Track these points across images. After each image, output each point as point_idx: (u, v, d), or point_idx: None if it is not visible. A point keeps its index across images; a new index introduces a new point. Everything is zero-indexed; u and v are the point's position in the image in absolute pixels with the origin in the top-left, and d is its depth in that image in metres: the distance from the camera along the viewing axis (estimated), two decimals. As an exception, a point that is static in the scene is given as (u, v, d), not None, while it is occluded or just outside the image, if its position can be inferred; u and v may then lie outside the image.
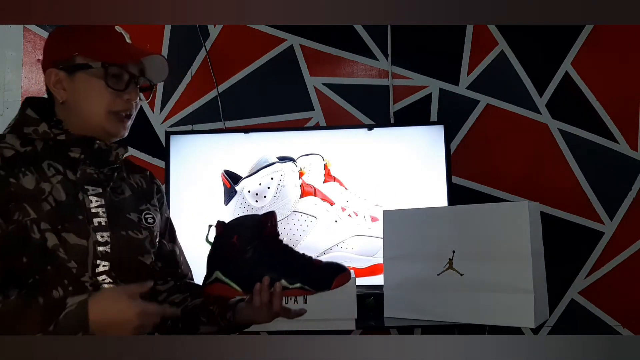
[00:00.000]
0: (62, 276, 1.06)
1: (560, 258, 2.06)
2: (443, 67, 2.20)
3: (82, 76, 1.14)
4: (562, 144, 2.17)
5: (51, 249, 1.06)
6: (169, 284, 1.31)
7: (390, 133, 2.00)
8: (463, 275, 1.52)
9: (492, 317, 1.48)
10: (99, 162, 1.16)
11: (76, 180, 1.13)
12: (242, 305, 1.22)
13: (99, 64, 1.13)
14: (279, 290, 1.15)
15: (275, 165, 1.90)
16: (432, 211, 1.64)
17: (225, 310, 1.24)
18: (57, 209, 1.09)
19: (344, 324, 1.65)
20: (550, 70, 2.19)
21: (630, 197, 2.15)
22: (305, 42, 2.21)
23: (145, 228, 1.21)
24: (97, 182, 1.16)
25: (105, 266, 1.11)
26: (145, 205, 1.25)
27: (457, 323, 1.55)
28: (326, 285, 1.15)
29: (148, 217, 1.24)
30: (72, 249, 1.08)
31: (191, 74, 2.22)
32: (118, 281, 1.12)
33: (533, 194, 2.09)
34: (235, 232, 1.18)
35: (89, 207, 1.13)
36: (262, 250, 1.17)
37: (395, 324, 1.72)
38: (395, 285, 1.62)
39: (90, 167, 1.15)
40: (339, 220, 1.91)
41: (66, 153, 1.13)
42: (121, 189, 1.22)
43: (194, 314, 1.26)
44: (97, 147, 1.15)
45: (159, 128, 2.21)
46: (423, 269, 1.57)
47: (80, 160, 1.14)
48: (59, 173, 1.12)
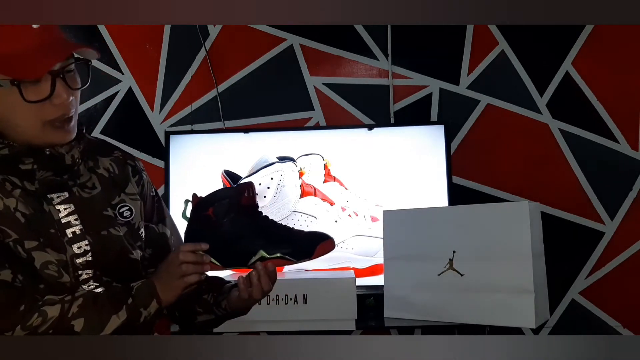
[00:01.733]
0: (58, 291, 1.03)
1: (561, 258, 2.06)
2: (443, 67, 2.20)
3: (2, 92, 1.00)
4: (563, 144, 2.17)
5: (41, 266, 1.02)
6: None
7: (390, 133, 2.00)
8: (463, 276, 1.52)
9: (492, 317, 1.48)
10: (55, 169, 1.07)
11: (37, 191, 1.05)
12: (234, 292, 1.18)
13: (7, 81, 0.99)
14: (261, 269, 1.10)
15: (275, 165, 1.90)
16: (433, 211, 1.64)
17: (219, 298, 1.20)
18: (28, 225, 1.02)
19: (344, 324, 1.65)
20: (550, 70, 2.18)
21: (630, 197, 2.15)
22: (305, 42, 2.21)
23: (123, 224, 1.13)
24: (60, 186, 1.08)
25: (88, 273, 1.07)
26: (119, 197, 1.15)
27: (458, 323, 1.55)
28: (307, 254, 1.11)
29: (124, 211, 1.15)
30: (56, 264, 1.03)
31: (191, 74, 2.22)
32: (105, 279, 1.09)
33: (533, 194, 2.08)
34: (210, 205, 1.13)
35: (58, 219, 1.06)
36: (240, 221, 1.12)
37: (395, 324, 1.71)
38: (396, 286, 1.62)
39: (48, 172, 1.06)
40: (339, 220, 1.91)
41: (17, 166, 1.04)
42: (91, 182, 1.13)
43: (189, 302, 1.22)
44: (48, 154, 1.06)
45: (158, 128, 2.21)
46: (423, 269, 1.57)
47: (34, 170, 1.05)
48: (16, 187, 1.04)
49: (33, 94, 1.00)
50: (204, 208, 1.14)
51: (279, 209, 1.88)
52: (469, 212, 1.55)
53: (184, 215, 1.18)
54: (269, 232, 1.14)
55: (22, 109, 1.00)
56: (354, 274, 1.75)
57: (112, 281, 1.10)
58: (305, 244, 1.12)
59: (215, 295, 1.21)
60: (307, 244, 1.12)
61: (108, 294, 1.06)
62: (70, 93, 1.03)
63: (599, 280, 2.15)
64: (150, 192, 1.26)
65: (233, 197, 1.13)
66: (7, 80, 0.99)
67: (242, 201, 1.13)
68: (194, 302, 1.22)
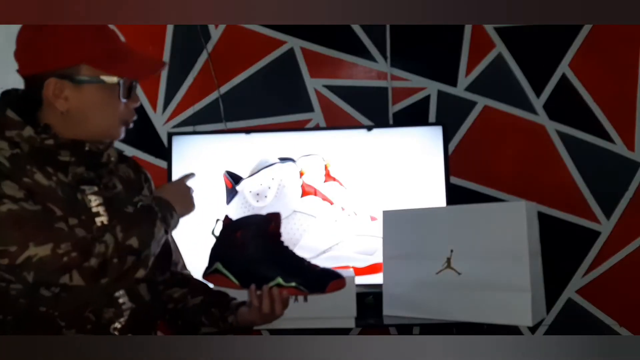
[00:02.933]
0: (70, 269, 1.04)
1: (558, 257, 2.07)
2: (441, 69, 2.21)
3: (93, 88, 1.09)
4: (559, 145, 2.18)
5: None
6: (166, 275, 1.29)
7: (389, 134, 2.02)
8: (461, 274, 1.53)
9: (489, 315, 1.49)
10: (90, 164, 1.13)
11: (69, 182, 1.09)
12: (244, 310, 1.23)
13: (115, 79, 1.09)
14: (277, 294, 1.16)
15: (276, 166, 1.91)
16: (431, 211, 1.65)
17: (226, 312, 1.24)
18: (60, 210, 1.06)
19: (344, 322, 1.66)
20: (547, 71, 2.20)
21: (626, 197, 2.16)
22: (305, 44, 2.23)
23: None
24: (90, 181, 1.12)
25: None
26: (137, 197, 1.21)
27: (455, 321, 1.56)
28: (320, 288, 1.17)
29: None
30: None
31: (193, 76, 2.23)
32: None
33: (530, 194, 2.10)
34: (239, 228, 1.20)
35: (89, 207, 1.10)
36: (263, 248, 1.19)
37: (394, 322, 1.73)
38: (394, 284, 1.63)
39: (80, 167, 1.11)
40: (338, 220, 1.92)
41: (55, 157, 1.09)
42: (112, 182, 1.18)
43: (194, 313, 1.26)
44: (87, 150, 1.11)
45: (161, 129, 2.23)
46: (422, 268, 1.58)
47: (70, 163, 1.10)
48: (50, 177, 1.07)
49: (124, 95, 1.11)
50: (234, 230, 1.21)
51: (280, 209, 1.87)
52: (466, 212, 1.56)
53: (213, 233, 1.23)
54: (288, 261, 1.20)
55: (112, 108, 1.11)
56: (353, 272, 1.77)
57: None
58: (320, 279, 1.18)
59: (222, 310, 1.24)
60: (321, 279, 1.18)
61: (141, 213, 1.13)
62: (139, 99, 1.16)
63: (596, 279, 2.16)
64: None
65: (261, 224, 1.20)
66: (113, 78, 1.09)
67: (269, 230, 1.20)
68: (201, 314, 1.25)
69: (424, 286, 1.57)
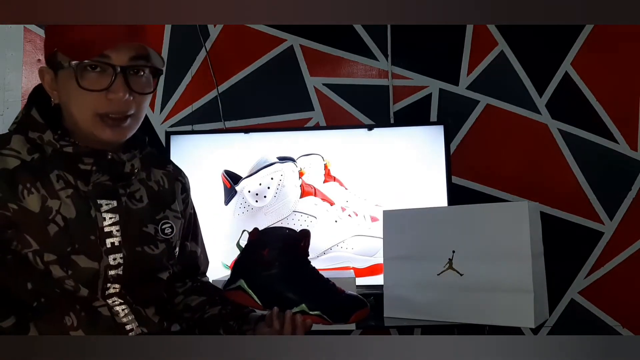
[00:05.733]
0: (72, 303, 1.02)
1: (560, 258, 2.06)
2: (443, 67, 2.20)
3: (63, 75, 1.02)
4: (562, 144, 2.17)
5: (57, 279, 1.00)
6: (187, 286, 1.27)
7: (390, 133, 2.00)
8: (463, 275, 1.52)
9: (491, 317, 1.48)
10: (112, 174, 1.07)
11: (88, 193, 1.04)
12: (264, 329, 1.16)
13: (68, 61, 0.99)
14: (300, 321, 1.11)
15: (275, 166, 1.90)
16: (432, 211, 1.64)
17: (245, 326, 1.19)
18: (66, 229, 1.01)
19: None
20: (550, 70, 2.19)
21: (630, 197, 2.15)
22: (305, 43, 2.22)
23: (162, 240, 1.13)
24: (111, 194, 1.07)
25: (115, 288, 1.06)
26: (163, 213, 1.15)
27: (457, 323, 1.55)
28: (344, 318, 1.14)
29: (166, 228, 1.15)
30: (82, 272, 1.01)
31: (191, 74, 2.22)
32: (129, 299, 1.08)
33: (533, 194, 2.09)
34: (267, 245, 1.15)
35: (102, 227, 1.04)
36: (289, 268, 1.14)
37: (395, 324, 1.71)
38: (395, 285, 1.62)
39: (104, 175, 1.06)
40: (339, 220, 1.91)
41: (76, 165, 1.03)
42: (139, 193, 1.12)
43: (212, 324, 1.22)
44: (110, 159, 1.06)
45: (159, 128, 2.21)
46: (423, 269, 1.57)
47: (92, 172, 1.04)
48: (69, 186, 1.03)
49: (91, 82, 0.99)
50: (261, 246, 1.16)
51: (279, 209, 1.88)
52: (468, 212, 1.55)
53: (238, 245, 1.19)
54: (314, 286, 1.16)
55: (77, 95, 1.00)
56: (353, 273, 1.75)
57: (133, 303, 1.09)
58: (344, 308, 1.14)
59: (240, 323, 1.20)
60: (345, 309, 1.14)
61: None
62: (128, 92, 1.01)
63: (598, 280, 2.15)
64: (191, 209, 1.27)
65: (289, 243, 1.16)
66: (67, 60, 0.99)
67: (296, 250, 1.16)
68: (219, 325, 1.22)
69: (425, 287, 1.56)
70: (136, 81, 1.03)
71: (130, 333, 1.07)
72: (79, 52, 0.99)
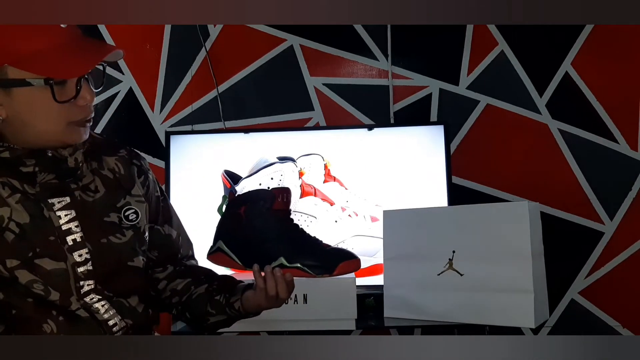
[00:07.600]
0: (48, 309, 1.00)
1: (560, 258, 2.06)
2: (443, 67, 2.20)
3: (22, 92, 0.96)
4: (562, 144, 2.17)
5: (25, 285, 0.98)
6: (168, 270, 1.25)
7: (390, 133, 2.00)
8: (463, 275, 1.52)
9: (492, 317, 1.48)
10: (58, 172, 1.04)
11: (37, 195, 1.02)
12: (249, 294, 1.16)
13: (42, 80, 0.96)
14: (279, 275, 1.09)
15: (275, 166, 1.89)
16: (432, 211, 1.64)
17: (232, 298, 1.18)
18: (23, 235, 0.99)
19: (344, 324, 1.64)
20: (550, 70, 2.18)
21: (630, 197, 2.15)
22: (305, 42, 2.21)
23: (128, 227, 1.11)
24: (62, 191, 1.04)
25: (90, 285, 1.05)
26: (124, 200, 1.12)
27: (457, 323, 1.55)
28: (328, 270, 1.10)
29: (130, 214, 1.12)
30: (50, 275, 1.00)
31: (191, 74, 2.22)
32: (107, 293, 1.06)
33: (533, 194, 2.08)
34: (243, 204, 1.13)
35: (58, 225, 1.02)
36: (270, 225, 1.11)
37: (395, 324, 1.72)
38: (395, 286, 1.62)
39: (50, 174, 1.03)
40: (339, 220, 1.91)
41: (18, 168, 1.01)
42: (94, 184, 1.09)
43: (199, 304, 1.21)
44: (51, 156, 1.03)
45: (158, 128, 2.21)
46: (423, 269, 1.57)
47: (36, 172, 1.02)
48: (16, 191, 1.00)
49: (60, 94, 0.97)
50: (237, 206, 1.13)
51: (279, 209, 1.88)
52: (468, 212, 1.55)
53: (220, 210, 1.16)
54: (295, 240, 1.13)
55: (50, 110, 0.97)
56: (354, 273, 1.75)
57: (113, 295, 1.08)
58: (328, 259, 1.11)
59: (227, 296, 1.19)
60: (330, 259, 1.11)
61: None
62: (92, 93, 1.02)
63: (599, 280, 2.15)
64: (156, 192, 1.23)
65: (267, 200, 1.13)
66: (40, 79, 0.96)
67: (275, 205, 1.13)
68: (207, 303, 1.20)
69: (426, 287, 1.56)
70: (94, 80, 1.04)
71: (114, 328, 1.06)
72: (59, 71, 0.96)
